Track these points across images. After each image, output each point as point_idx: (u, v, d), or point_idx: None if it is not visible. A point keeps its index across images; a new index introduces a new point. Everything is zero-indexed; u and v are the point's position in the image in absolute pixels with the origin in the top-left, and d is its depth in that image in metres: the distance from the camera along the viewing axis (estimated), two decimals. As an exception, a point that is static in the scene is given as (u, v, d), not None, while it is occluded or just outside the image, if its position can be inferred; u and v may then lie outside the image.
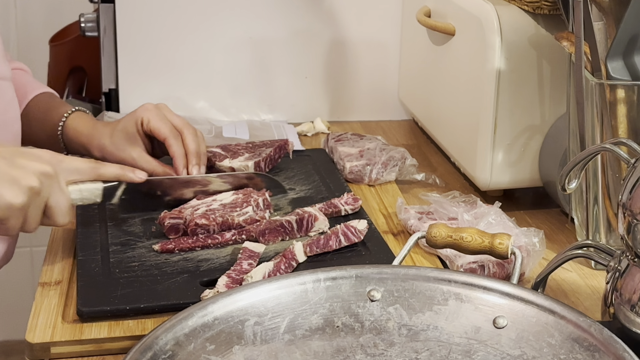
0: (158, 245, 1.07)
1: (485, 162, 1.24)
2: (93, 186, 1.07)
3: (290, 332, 0.87)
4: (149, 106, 1.22)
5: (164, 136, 1.19)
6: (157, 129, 1.19)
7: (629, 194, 0.87)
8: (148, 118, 1.20)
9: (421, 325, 0.89)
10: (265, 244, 1.08)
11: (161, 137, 1.19)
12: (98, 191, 1.07)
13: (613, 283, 0.90)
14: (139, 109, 1.21)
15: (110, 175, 1.08)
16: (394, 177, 1.32)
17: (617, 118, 1.06)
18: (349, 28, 1.57)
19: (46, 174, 0.97)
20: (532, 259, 1.06)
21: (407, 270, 0.92)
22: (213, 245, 1.08)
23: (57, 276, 1.04)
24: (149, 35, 1.50)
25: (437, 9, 1.38)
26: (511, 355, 0.84)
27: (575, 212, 1.13)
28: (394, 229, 1.18)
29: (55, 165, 1.00)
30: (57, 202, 0.99)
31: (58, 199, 0.99)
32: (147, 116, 1.20)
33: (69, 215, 1.02)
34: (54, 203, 0.99)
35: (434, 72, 1.41)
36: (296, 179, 1.29)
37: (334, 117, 1.61)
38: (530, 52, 1.21)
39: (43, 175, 0.97)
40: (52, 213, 1.00)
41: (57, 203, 0.99)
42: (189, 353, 0.82)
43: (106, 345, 0.93)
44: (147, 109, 1.21)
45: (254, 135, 1.45)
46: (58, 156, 1.03)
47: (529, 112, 1.23)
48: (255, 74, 1.55)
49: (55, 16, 2.01)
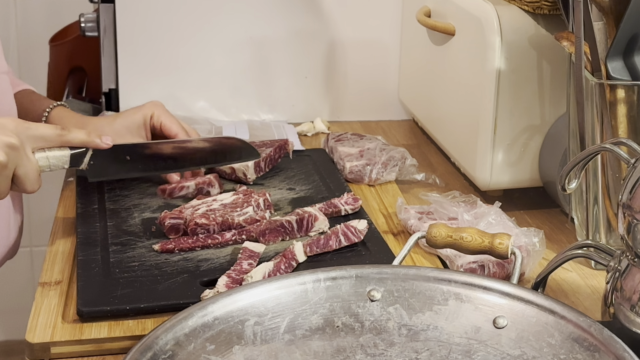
0: (158, 245, 1.07)
1: (485, 162, 1.24)
2: (60, 153, 1.06)
3: (290, 332, 0.87)
4: (158, 103, 1.25)
5: (175, 132, 1.22)
6: (169, 124, 1.22)
7: (629, 194, 0.87)
8: (159, 114, 1.23)
9: (421, 325, 0.89)
10: (265, 244, 1.08)
11: (172, 133, 1.22)
12: (65, 158, 1.06)
13: (613, 283, 0.90)
14: (149, 104, 1.24)
15: (77, 141, 1.07)
16: (394, 177, 1.32)
17: (617, 118, 1.06)
18: (349, 28, 1.57)
19: (11, 145, 0.98)
20: (532, 259, 1.06)
21: (407, 270, 0.92)
22: (213, 245, 1.08)
23: (57, 276, 1.04)
24: (149, 35, 1.50)
25: (437, 9, 1.38)
26: (511, 355, 0.84)
27: (575, 212, 1.13)
28: (394, 229, 1.18)
29: (21, 133, 1.00)
30: (25, 171, 1.00)
31: (26, 168, 1.00)
32: (158, 112, 1.23)
33: (37, 182, 1.02)
34: (22, 172, 1.00)
35: (434, 72, 1.41)
36: (296, 179, 1.29)
37: (334, 117, 1.61)
38: (530, 52, 1.21)
39: (8, 147, 0.97)
40: (21, 182, 1.01)
41: (25, 172, 1.00)
42: (189, 353, 0.82)
43: (106, 345, 0.93)
44: (156, 105, 1.24)
45: (254, 135, 1.45)
46: (24, 123, 1.02)
47: (529, 112, 1.23)
48: (255, 74, 1.55)
49: (55, 16, 2.01)
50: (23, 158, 1.00)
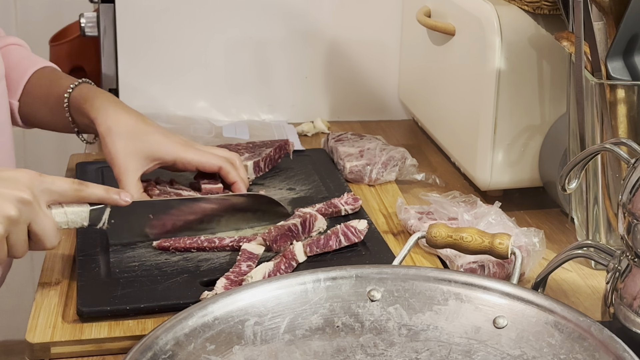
0: (156, 242, 1.07)
1: (485, 162, 1.24)
2: (79, 209, 1.00)
3: (290, 332, 0.87)
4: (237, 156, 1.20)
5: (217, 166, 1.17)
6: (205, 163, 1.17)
7: (629, 194, 0.87)
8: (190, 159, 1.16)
9: (421, 325, 0.89)
10: (277, 250, 1.06)
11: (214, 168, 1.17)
12: (84, 214, 1.01)
13: (613, 283, 0.90)
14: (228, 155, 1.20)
15: (94, 198, 1.01)
16: (394, 177, 1.32)
17: (617, 118, 1.06)
18: (349, 28, 1.57)
19: (24, 200, 0.92)
20: (532, 259, 1.06)
21: (407, 270, 0.92)
22: (210, 249, 1.08)
23: (57, 276, 1.04)
24: (149, 35, 1.50)
25: (437, 9, 1.38)
26: (511, 355, 0.84)
27: (575, 212, 1.13)
28: (394, 229, 1.18)
29: (36, 187, 0.95)
30: (42, 227, 0.95)
31: (42, 223, 0.95)
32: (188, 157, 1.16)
33: (56, 238, 0.97)
34: (38, 228, 0.95)
35: (434, 72, 1.41)
36: (296, 179, 1.29)
37: (334, 117, 1.61)
38: (530, 52, 1.21)
39: (20, 203, 0.92)
40: (39, 238, 0.95)
41: (42, 228, 0.95)
42: (189, 353, 0.82)
43: (106, 345, 0.93)
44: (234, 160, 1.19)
45: (254, 135, 1.45)
46: (38, 177, 0.96)
47: (529, 112, 1.23)
48: (255, 74, 1.55)
49: (55, 16, 2.01)
50: (38, 213, 0.94)
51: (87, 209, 1.01)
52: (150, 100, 1.50)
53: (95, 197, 1.01)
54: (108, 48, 1.50)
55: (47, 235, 0.96)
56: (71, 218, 1.00)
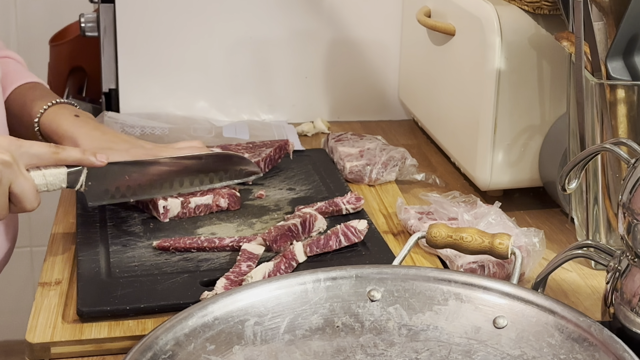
0: (156, 242, 1.07)
1: (485, 162, 1.24)
2: (56, 171, 1.04)
3: (290, 332, 0.87)
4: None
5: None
6: None
7: (629, 194, 0.87)
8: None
9: (421, 325, 0.89)
10: (277, 250, 1.07)
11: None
12: (62, 176, 1.05)
13: (613, 283, 0.90)
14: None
15: (71, 160, 1.05)
16: (394, 177, 1.32)
17: (617, 118, 1.06)
18: (349, 28, 1.57)
19: (4, 162, 0.97)
20: (532, 259, 1.06)
21: (407, 270, 0.92)
22: (210, 249, 1.08)
23: (57, 276, 1.04)
24: (149, 35, 1.50)
25: (437, 9, 1.38)
26: (511, 355, 0.84)
27: (575, 212, 1.13)
28: (394, 229, 1.18)
29: (14, 150, 1.00)
30: (22, 188, 0.99)
31: (22, 185, 0.99)
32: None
33: (36, 200, 1.01)
34: (18, 190, 0.99)
35: (434, 72, 1.41)
36: (296, 179, 1.29)
37: (334, 117, 1.61)
38: (530, 52, 1.21)
39: (1, 164, 0.97)
40: (18, 200, 1.00)
41: (22, 189, 1.00)
42: (189, 353, 0.82)
43: (106, 345, 0.93)
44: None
45: (254, 136, 1.45)
46: (17, 141, 1.01)
47: (529, 112, 1.23)
48: (255, 74, 1.55)
49: (55, 16, 2.01)
50: (18, 176, 0.99)
51: (65, 171, 1.05)
52: (150, 100, 1.49)
53: (72, 159, 1.05)
54: (108, 48, 1.50)
55: (27, 197, 1.00)
56: (50, 180, 1.03)
